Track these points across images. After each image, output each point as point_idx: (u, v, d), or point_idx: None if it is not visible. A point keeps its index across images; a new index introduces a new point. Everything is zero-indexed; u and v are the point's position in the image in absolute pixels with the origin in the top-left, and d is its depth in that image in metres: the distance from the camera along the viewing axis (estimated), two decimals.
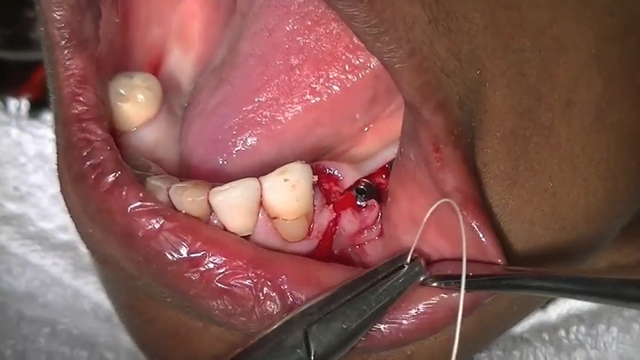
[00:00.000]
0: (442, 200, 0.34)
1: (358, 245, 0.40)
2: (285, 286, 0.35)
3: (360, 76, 0.40)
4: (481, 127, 0.35)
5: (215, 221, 0.38)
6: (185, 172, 0.43)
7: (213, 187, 0.37)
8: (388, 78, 0.33)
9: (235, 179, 0.37)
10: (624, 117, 0.38)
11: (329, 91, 0.41)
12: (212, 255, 0.35)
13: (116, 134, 0.40)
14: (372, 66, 0.40)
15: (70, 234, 0.53)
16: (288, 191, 0.37)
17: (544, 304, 0.47)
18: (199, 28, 0.45)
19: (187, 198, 0.37)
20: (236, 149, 0.42)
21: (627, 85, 0.37)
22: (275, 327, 0.34)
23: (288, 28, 0.41)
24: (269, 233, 0.38)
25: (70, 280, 0.51)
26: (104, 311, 0.51)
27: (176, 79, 0.45)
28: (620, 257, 0.47)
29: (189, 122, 0.44)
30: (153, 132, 0.42)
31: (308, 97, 0.41)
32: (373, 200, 0.40)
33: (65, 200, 0.38)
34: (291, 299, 0.35)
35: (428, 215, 0.34)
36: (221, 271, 0.35)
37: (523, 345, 0.46)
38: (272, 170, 0.38)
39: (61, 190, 0.38)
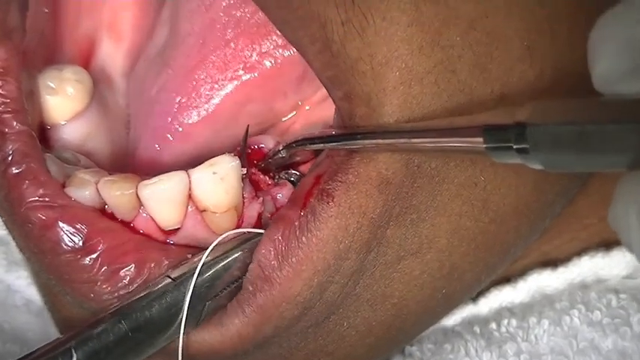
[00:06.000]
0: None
1: None
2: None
3: (292, 52, 0.41)
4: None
5: (144, 214, 0.38)
6: (120, 164, 0.43)
7: (142, 180, 0.37)
8: None
9: (172, 167, 0.38)
10: None
11: (261, 66, 0.42)
12: (104, 242, 0.36)
13: (45, 127, 0.40)
14: None
15: (2, 229, 0.53)
16: (217, 184, 0.37)
17: (475, 298, 0.47)
18: (130, 20, 0.44)
19: (116, 192, 0.37)
20: (170, 135, 0.42)
21: (558, 75, 0.37)
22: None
23: (224, 3, 0.41)
24: (198, 226, 0.38)
25: (2, 275, 0.51)
26: (36, 306, 0.50)
27: (107, 72, 0.44)
28: (551, 249, 0.47)
29: (135, 112, 0.43)
30: (83, 125, 0.41)
31: (240, 72, 0.42)
32: (285, 181, 0.40)
33: None
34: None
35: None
36: (112, 253, 0.36)
37: (454, 338, 0.46)
38: (209, 153, 0.38)
39: None
